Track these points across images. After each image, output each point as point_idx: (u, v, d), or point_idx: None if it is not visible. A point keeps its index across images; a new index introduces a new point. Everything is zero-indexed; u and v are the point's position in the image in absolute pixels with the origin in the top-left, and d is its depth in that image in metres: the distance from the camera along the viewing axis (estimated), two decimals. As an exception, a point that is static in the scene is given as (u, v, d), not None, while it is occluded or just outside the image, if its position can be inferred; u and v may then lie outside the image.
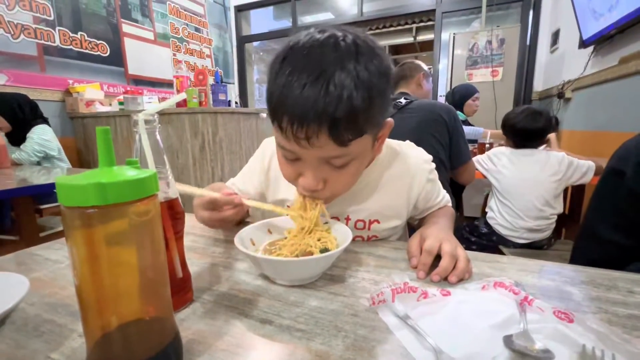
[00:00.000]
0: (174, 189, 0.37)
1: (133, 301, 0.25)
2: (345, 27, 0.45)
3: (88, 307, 0.24)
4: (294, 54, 0.42)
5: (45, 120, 2.02)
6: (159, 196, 0.34)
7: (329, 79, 0.39)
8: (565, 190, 1.44)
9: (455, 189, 1.37)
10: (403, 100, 1.23)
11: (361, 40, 0.42)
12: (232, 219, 0.52)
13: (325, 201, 0.51)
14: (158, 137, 0.35)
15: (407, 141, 0.67)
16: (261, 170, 0.67)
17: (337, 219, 0.60)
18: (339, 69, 0.39)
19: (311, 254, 0.43)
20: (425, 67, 1.44)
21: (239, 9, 4.21)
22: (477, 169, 1.46)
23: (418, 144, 0.68)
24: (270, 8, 4.47)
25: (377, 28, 4.54)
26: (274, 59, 0.44)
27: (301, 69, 0.40)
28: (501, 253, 1.33)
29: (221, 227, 0.62)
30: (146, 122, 0.34)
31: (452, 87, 2.45)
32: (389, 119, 0.52)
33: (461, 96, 2.22)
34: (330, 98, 0.38)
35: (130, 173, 0.24)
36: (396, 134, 0.83)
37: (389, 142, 0.65)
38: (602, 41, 1.90)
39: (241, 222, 0.68)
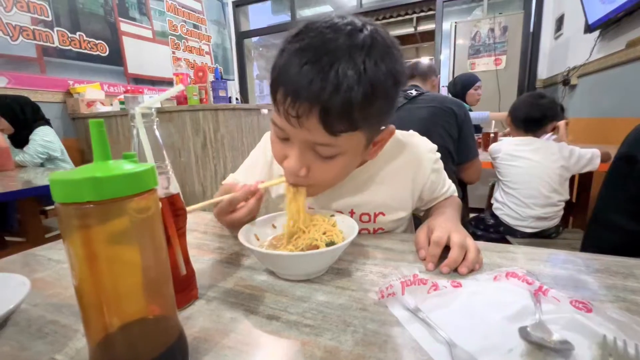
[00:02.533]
0: (175, 184, 0.36)
1: (135, 301, 0.25)
2: (369, 20, 0.43)
3: (88, 307, 0.23)
4: (306, 32, 0.40)
5: (47, 122, 2.02)
6: (159, 192, 0.34)
7: (332, 64, 0.37)
8: (572, 178, 1.42)
9: (461, 179, 1.36)
10: (414, 92, 1.23)
11: (380, 36, 0.41)
12: (257, 209, 0.50)
13: (309, 193, 0.50)
14: (156, 131, 0.34)
15: (411, 131, 0.66)
16: (264, 163, 0.67)
17: (341, 213, 0.59)
18: (346, 58, 0.38)
19: (317, 247, 0.43)
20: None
21: (237, 5, 4.17)
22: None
23: (427, 134, 0.66)
24: (269, 3, 4.42)
25: (377, 19, 4.48)
26: (287, 33, 0.43)
27: (307, 47, 0.39)
28: (508, 243, 1.32)
29: (249, 222, 0.58)
30: (144, 115, 0.33)
31: (454, 77, 2.42)
32: (391, 126, 0.50)
33: (463, 86, 2.19)
34: (327, 83, 0.37)
35: (127, 167, 0.23)
36: (406, 124, 0.81)
37: None
38: (608, 25, 1.86)
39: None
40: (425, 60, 1.49)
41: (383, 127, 0.49)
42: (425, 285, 0.35)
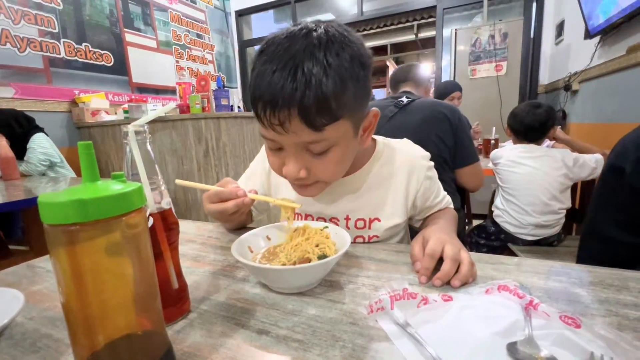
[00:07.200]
0: (167, 199, 0.37)
1: (122, 317, 0.25)
2: (322, 20, 0.46)
3: (75, 324, 0.23)
4: (269, 47, 0.43)
5: (41, 129, 2.03)
6: (152, 207, 0.34)
7: (297, 66, 0.40)
8: (575, 185, 1.41)
9: (462, 186, 1.34)
10: (405, 99, 1.21)
11: (333, 30, 0.44)
12: (232, 211, 0.52)
13: (312, 194, 0.53)
14: (149, 147, 0.35)
15: (405, 139, 0.66)
16: (262, 172, 0.68)
17: (337, 219, 0.60)
18: (307, 57, 0.40)
19: (309, 260, 0.43)
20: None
21: (240, 14, 4.23)
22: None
23: (421, 142, 0.67)
24: (271, 11, 4.48)
25: (378, 27, 4.53)
26: (255, 53, 0.46)
27: (272, 59, 0.42)
28: (510, 251, 1.31)
29: (226, 221, 0.64)
30: (136, 133, 0.34)
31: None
32: (374, 109, 0.52)
33: (439, 95, 2.15)
34: (297, 84, 0.39)
35: (114, 187, 0.23)
36: (398, 133, 0.81)
37: (386, 140, 0.64)
38: (608, 31, 1.86)
39: (245, 227, 0.68)
40: (419, 65, 1.44)
41: (366, 112, 0.51)
42: (415, 299, 0.35)
